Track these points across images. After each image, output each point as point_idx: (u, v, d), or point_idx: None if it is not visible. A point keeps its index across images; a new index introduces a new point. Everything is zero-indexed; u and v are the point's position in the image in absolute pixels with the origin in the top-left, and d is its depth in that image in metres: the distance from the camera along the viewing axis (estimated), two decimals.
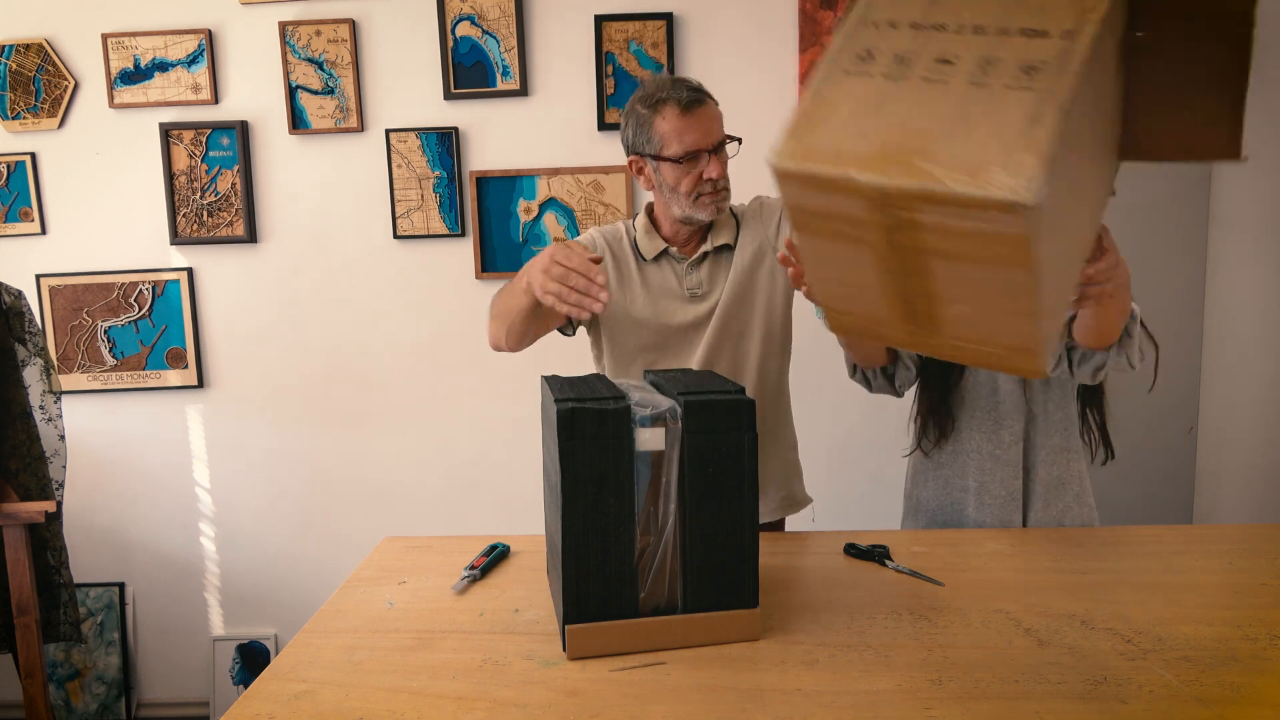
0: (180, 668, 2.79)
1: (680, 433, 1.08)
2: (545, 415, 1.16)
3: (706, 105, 1.50)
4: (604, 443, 1.05)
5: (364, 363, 2.65)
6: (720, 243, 1.61)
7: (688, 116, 1.47)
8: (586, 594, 1.07)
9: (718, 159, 1.51)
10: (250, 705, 1.01)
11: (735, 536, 1.11)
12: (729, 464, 1.10)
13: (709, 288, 1.61)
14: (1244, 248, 2.38)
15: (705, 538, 1.10)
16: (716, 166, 1.51)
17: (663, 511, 1.09)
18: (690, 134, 1.48)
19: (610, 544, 1.07)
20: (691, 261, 1.60)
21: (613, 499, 1.07)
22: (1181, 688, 0.99)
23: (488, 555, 1.43)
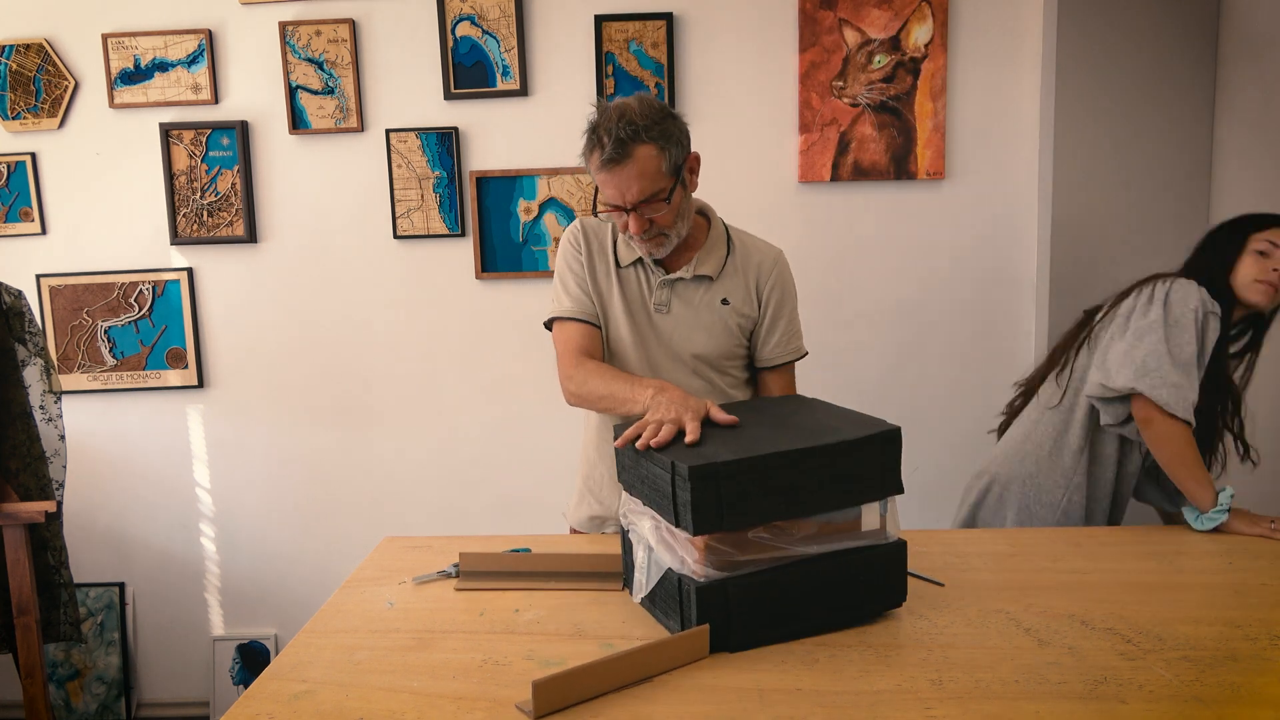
0: (180, 668, 2.79)
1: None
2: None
3: (625, 164, 1.42)
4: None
5: (364, 363, 2.65)
6: (701, 272, 1.57)
7: (604, 173, 1.44)
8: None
9: (636, 217, 1.46)
10: (250, 705, 1.01)
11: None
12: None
13: (676, 309, 1.58)
14: None
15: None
16: (634, 224, 1.46)
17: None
18: (607, 188, 1.46)
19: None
20: (664, 280, 1.57)
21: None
22: (1181, 688, 0.99)
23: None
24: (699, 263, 1.57)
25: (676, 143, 1.46)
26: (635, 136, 1.41)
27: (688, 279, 1.57)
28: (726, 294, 1.58)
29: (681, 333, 1.57)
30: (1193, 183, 2.48)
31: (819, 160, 2.48)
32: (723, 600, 1.09)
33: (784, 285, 1.63)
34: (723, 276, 1.59)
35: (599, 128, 1.44)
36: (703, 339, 1.57)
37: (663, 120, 1.44)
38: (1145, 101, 2.45)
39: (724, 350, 1.59)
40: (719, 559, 1.08)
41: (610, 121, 1.42)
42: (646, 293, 1.58)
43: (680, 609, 1.12)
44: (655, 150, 1.43)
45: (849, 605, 1.16)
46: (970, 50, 2.45)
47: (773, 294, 1.61)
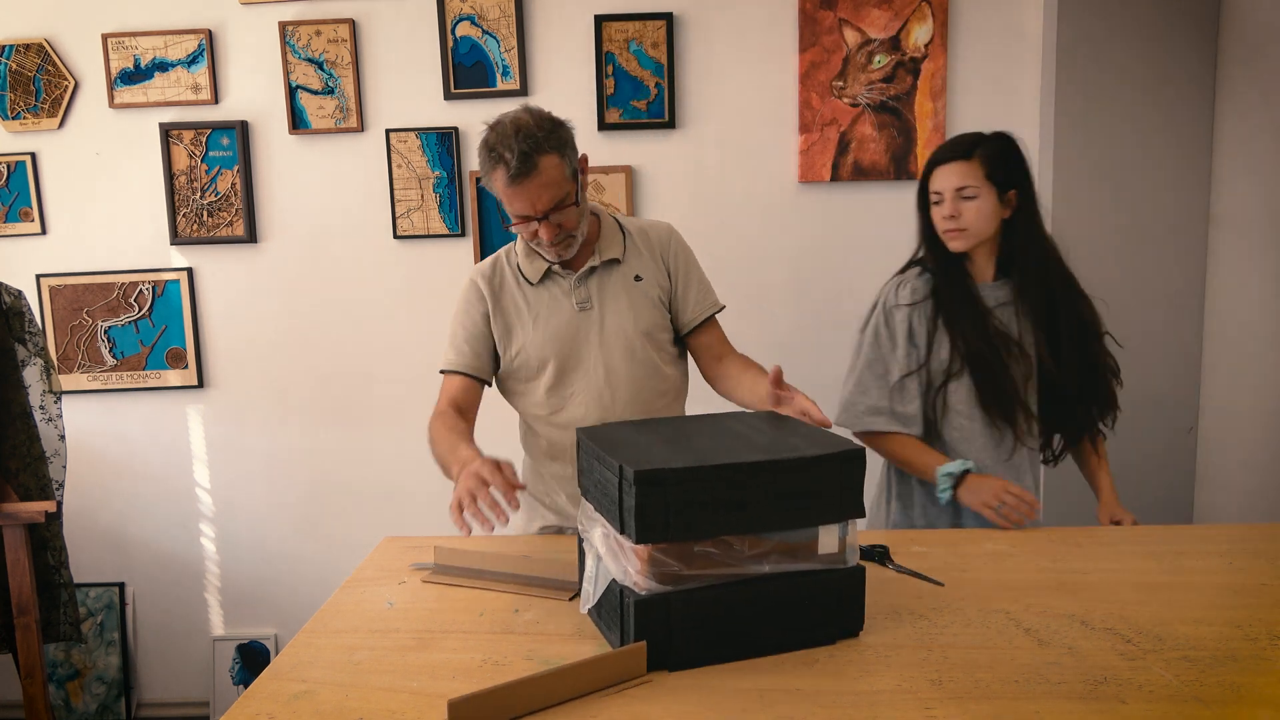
0: (180, 668, 2.79)
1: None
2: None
3: (533, 176, 1.45)
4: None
5: (364, 363, 2.65)
6: (608, 257, 1.64)
7: (513, 187, 1.46)
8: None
9: (547, 225, 1.50)
10: (250, 705, 1.01)
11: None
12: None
13: (599, 300, 1.63)
14: (1244, 248, 2.38)
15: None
16: (546, 232, 1.51)
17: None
18: (516, 202, 1.49)
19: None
20: (579, 276, 1.63)
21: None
22: (1181, 688, 0.99)
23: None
24: (601, 251, 1.64)
25: (572, 148, 1.53)
26: (538, 148, 1.45)
27: (598, 266, 1.63)
28: (637, 271, 1.65)
29: (611, 321, 1.62)
30: (1193, 183, 2.48)
31: (819, 160, 2.48)
32: (664, 615, 1.05)
33: (684, 250, 1.71)
34: (627, 256, 1.66)
35: (497, 146, 1.46)
36: (631, 318, 1.63)
37: (556, 129, 1.50)
38: (1145, 101, 2.45)
39: (652, 322, 1.65)
40: (662, 571, 1.05)
41: (509, 138, 1.45)
42: (564, 297, 1.63)
43: (620, 622, 1.08)
44: (557, 159, 1.48)
45: (800, 629, 1.11)
46: (970, 50, 2.45)
47: (676, 260, 1.69)
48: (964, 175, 1.61)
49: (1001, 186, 1.62)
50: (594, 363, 1.62)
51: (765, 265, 2.56)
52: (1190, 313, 2.53)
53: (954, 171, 1.62)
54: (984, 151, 1.61)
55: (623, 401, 1.62)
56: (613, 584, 1.10)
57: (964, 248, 1.65)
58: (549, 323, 1.63)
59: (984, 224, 1.63)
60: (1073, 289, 1.69)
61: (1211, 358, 2.52)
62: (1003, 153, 1.63)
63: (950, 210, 1.62)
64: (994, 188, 1.61)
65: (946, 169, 1.63)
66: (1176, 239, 2.51)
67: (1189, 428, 2.57)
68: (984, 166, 1.61)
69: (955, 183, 1.61)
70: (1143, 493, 2.56)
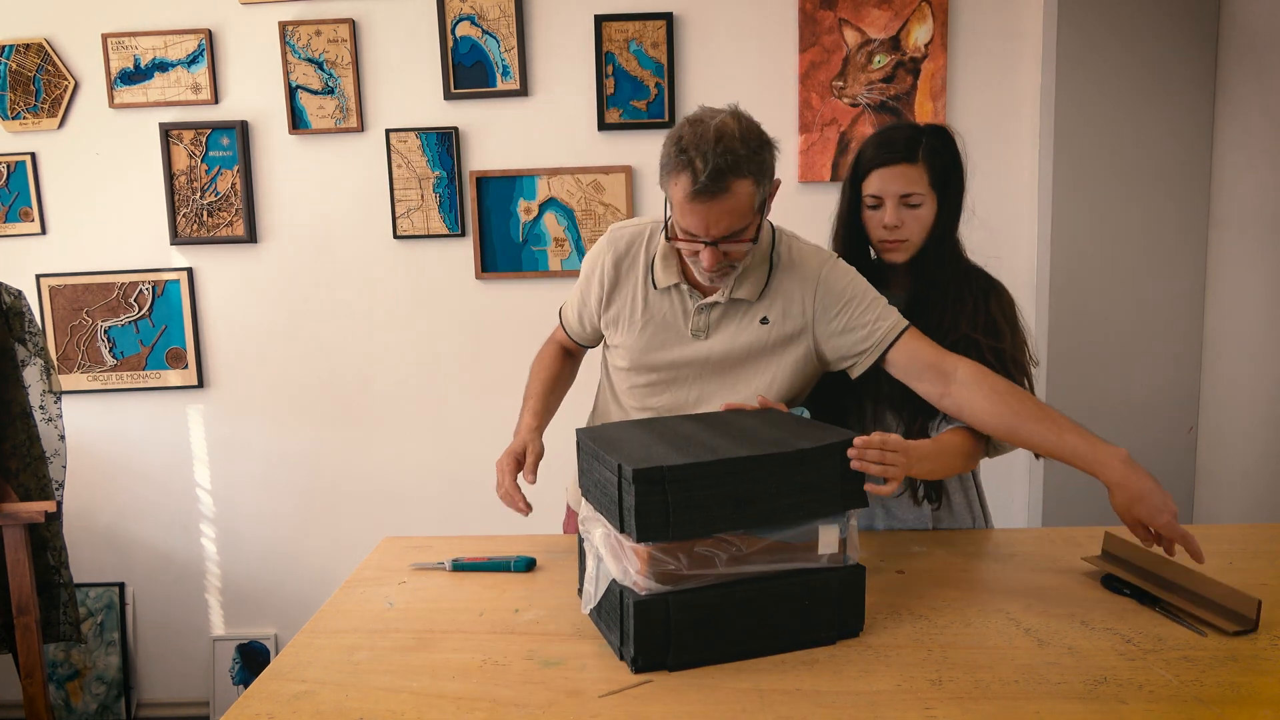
0: (180, 668, 2.79)
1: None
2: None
3: (720, 198, 1.27)
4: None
5: (364, 363, 2.65)
6: (738, 296, 1.43)
7: (694, 203, 1.28)
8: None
9: (713, 251, 1.32)
10: (250, 705, 1.01)
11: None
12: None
13: (715, 332, 1.46)
14: (1244, 248, 2.38)
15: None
16: (709, 258, 1.32)
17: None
18: (691, 218, 1.30)
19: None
20: (702, 305, 1.45)
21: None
22: (1181, 688, 0.99)
23: (494, 560, 1.40)
24: (736, 284, 1.43)
25: (770, 174, 1.33)
26: (735, 169, 1.25)
27: (723, 303, 1.45)
28: (765, 313, 1.44)
29: (719, 349, 1.46)
30: (1193, 183, 2.48)
31: (819, 160, 2.48)
32: (664, 615, 1.04)
33: (836, 286, 1.43)
34: (763, 298, 1.44)
35: (690, 148, 1.26)
36: (740, 350, 1.45)
37: (761, 150, 1.29)
38: (1145, 101, 2.45)
39: (761, 369, 1.46)
40: (662, 571, 1.04)
41: (707, 145, 1.25)
42: (682, 318, 1.47)
43: (620, 622, 1.08)
44: (751, 185, 1.28)
45: (800, 629, 1.10)
46: (970, 50, 2.45)
47: (825, 303, 1.43)
48: (911, 181, 1.41)
49: (942, 191, 1.44)
50: (689, 387, 1.49)
51: None
52: (1190, 313, 2.53)
53: (900, 176, 1.42)
54: (930, 154, 1.42)
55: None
56: (613, 584, 1.10)
57: (903, 260, 1.47)
58: (657, 336, 1.48)
59: (924, 234, 1.46)
60: (965, 293, 1.48)
61: (1211, 358, 2.52)
62: (948, 154, 1.45)
63: (893, 219, 1.43)
64: (936, 194, 1.44)
65: (889, 173, 1.42)
66: (1176, 239, 2.51)
67: (1189, 428, 2.57)
68: (930, 172, 1.42)
69: (900, 188, 1.42)
70: None
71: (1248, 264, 2.37)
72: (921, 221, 1.44)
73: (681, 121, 1.32)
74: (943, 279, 1.48)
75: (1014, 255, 2.52)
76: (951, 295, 1.47)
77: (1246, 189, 2.36)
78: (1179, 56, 2.44)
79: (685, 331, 1.47)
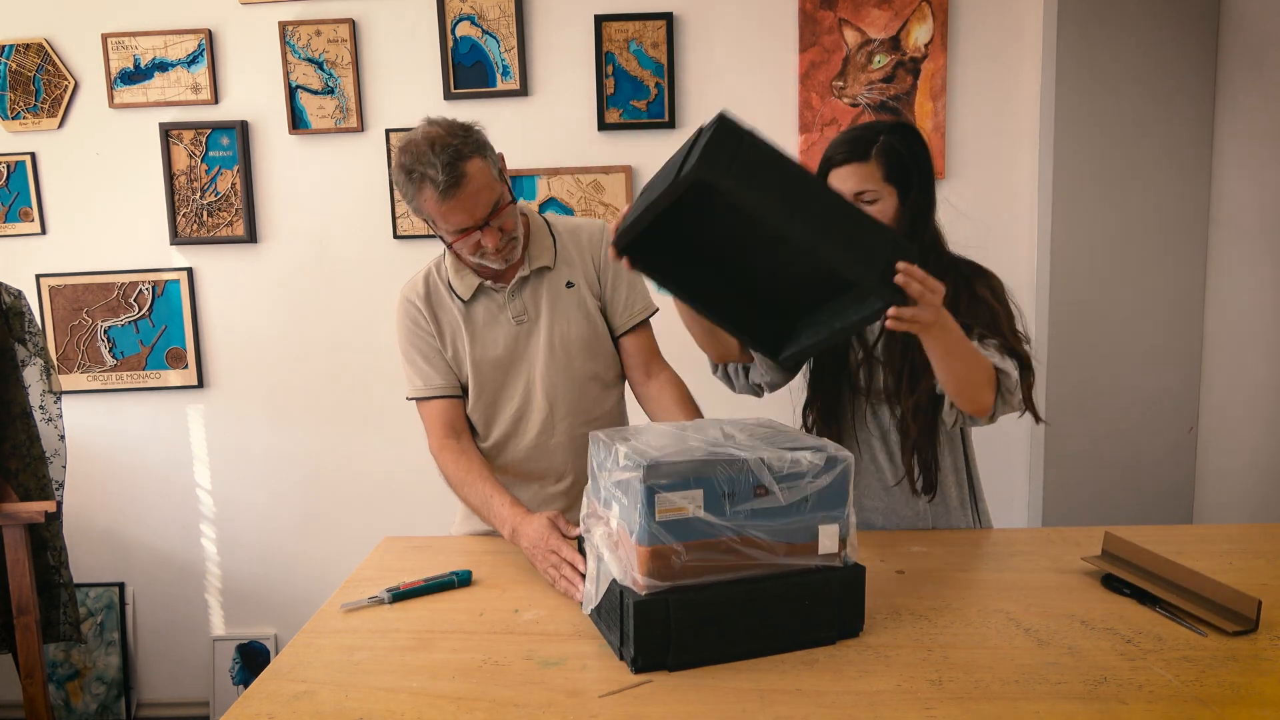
0: (180, 668, 2.79)
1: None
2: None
3: (464, 185, 1.39)
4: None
5: (364, 362, 2.65)
6: (538, 265, 1.57)
7: (448, 202, 1.40)
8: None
9: (490, 231, 1.44)
10: (250, 705, 1.01)
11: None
12: None
13: (534, 312, 1.58)
14: (1244, 248, 2.38)
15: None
16: (491, 238, 1.44)
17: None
18: (455, 216, 1.42)
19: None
20: (511, 288, 1.57)
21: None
22: (1181, 688, 0.99)
23: (431, 581, 1.34)
24: (532, 258, 1.57)
25: (490, 148, 1.46)
26: (459, 156, 1.39)
27: (529, 276, 1.57)
28: (568, 278, 1.59)
29: (546, 332, 1.57)
30: (1193, 183, 2.48)
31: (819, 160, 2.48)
32: (664, 615, 1.05)
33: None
34: (558, 263, 1.59)
35: (416, 166, 1.39)
36: (565, 327, 1.58)
37: (469, 133, 1.43)
38: (1145, 101, 2.45)
39: (588, 331, 1.60)
40: (663, 570, 1.04)
41: (426, 154, 1.39)
42: (499, 312, 1.58)
43: (620, 622, 1.08)
44: (480, 161, 1.42)
45: (800, 629, 1.11)
46: (970, 50, 2.46)
47: (606, 263, 1.61)
48: (862, 179, 1.45)
49: (903, 186, 1.46)
50: (533, 376, 1.58)
51: None
52: (1190, 313, 2.53)
53: (851, 174, 1.46)
54: (883, 151, 1.45)
55: (561, 414, 1.59)
56: (613, 584, 1.10)
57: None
58: (487, 339, 1.57)
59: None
60: (949, 287, 1.43)
61: (1211, 358, 2.52)
62: (904, 150, 1.46)
63: None
64: (895, 189, 1.46)
65: (843, 172, 1.46)
66: (1176, 239, 2.51)
67: (1189, 428, 2.57)
68: (883, 168, 1.45)
69: (853, 187, 1.45)
70: (1143, 493, 2.56)
71: (1248, 264, 2.36)
72: (881, 215, 1.46)
73: (395, 154, 1.45)
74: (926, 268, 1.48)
75: (1014, 255, 2.52)
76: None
77: (1246, 189, 2.36)
78: (1179, 56, 2.44)
79: (508, 323, 1.58)
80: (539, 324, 1.58)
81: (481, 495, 1.47)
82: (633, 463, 1.05)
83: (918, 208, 1.48)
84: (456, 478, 1.53)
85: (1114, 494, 2.55)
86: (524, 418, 1.61)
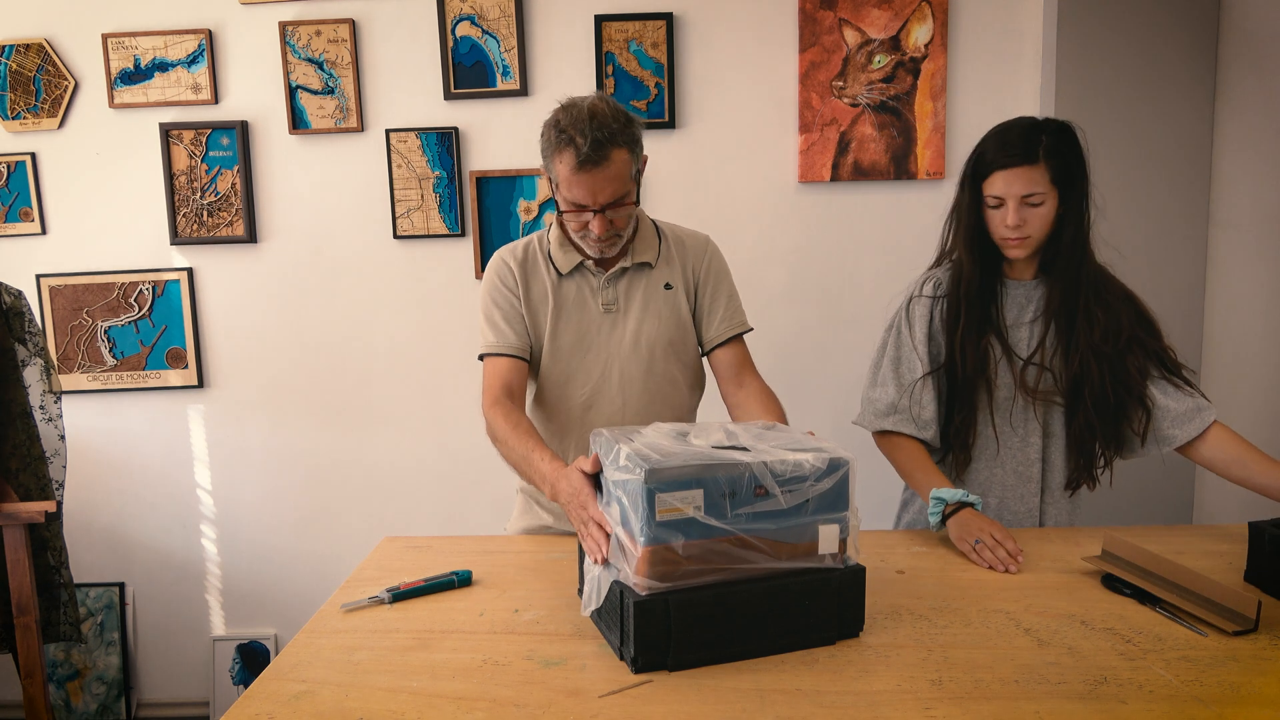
0: (180, 668, 2.79)
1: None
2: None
3: (602, 166, 1.41)
4: None
5: (364, 363, 2.65)
6: (641, 260, 1.59)
7: (580, 174, 1.42)
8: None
9: (601, 218, 1.46)
10: (250, 705, 1.01)
11: None
12: None
13: (625, 304, 1.59)
14: (1244, 248, 2.38)
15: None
16: (599, 225, 1.46)
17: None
18: (577, 189, 1.44)
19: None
20: (609, 276, 1.59)
21: None
22: (1181, 688, 0.99)
23: (431, 581, 1.34)
24: (636, 252, 1.59)
25: (640, 145, 1.49)
26: (612, 139, 1.41)
27: (630, 269, 1.59)
28: (668, 279, 1.62)
29: (635, 326, 1.59)
30: (1193, 183, 2.48)
31: (819, 160, 2.48)
32: (664, 616, 1.04)
33: (717, 264, 1.66)
34: (660, 263, 1.62)
35: (569, 128, 1.41)
36: (654, 325, 1.59)
37: (629, 124, 1.45)
38: (1145, 101, 2.45)
39: (676, 334, 1.61)
40: (662, 570, 1.04)
41: (583, 122, 1.40)
42: (590, 295, 1.59)
43: (620, 622, 1.08)
44: (627, 154, 1.44)
45: (801, 629, 1.11)
46: (970, 50, 2.46)
47: (708, 274, 1.64)
48: (1031, 181, 1.46)
49: (1065, 188, 1.48)
50: (611, 367, 1.59)
51: (765, 265, 2.56)
52: (1190, 313, 2.53)
53: (1020, 178, 1.46)
54: (1050, 153, 1.46)
55: (633, 409, 1.59)
56: (613, 584, 1.10)
57: (1025, 255, 1.53)
58: (572, 319, 1.59)
59: (1047, 229, 1.51)
60: (1106, 292, 1.56)
61: (1211, 358, 2.52)
62: (1069, 151, 1.48)
63: (1015, 219, 1.47)
64: (1058, 190, 1.48)
65: (1011, 175, 1.46)
66: (1176, 239, 2.51)
67: None
68: (1051, 170, 1.46)
69: (1021, 189, 1.46)
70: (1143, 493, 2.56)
71: (1248, 264, 2.36)
72: (1043, 218, 1.49)
73: (555, 110, 1.47)
74: (1081, 278, 1.54)
75: None
76: (1091, 295, 1.54)
77: (1246, 189, 2.36)
78: (1179, 56, 2.44)
79: (598, 307, 1.59)
80: (627, 317, 1.59)
81: (524, 450, 1.42)
82: (633, 464, 1.05)
83: (1075, 210, 1.50)
84: (503, 432, 1.48)
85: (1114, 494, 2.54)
86: (593, 406, 1.60)
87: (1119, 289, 1.59)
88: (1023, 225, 1.48)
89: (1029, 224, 1.49)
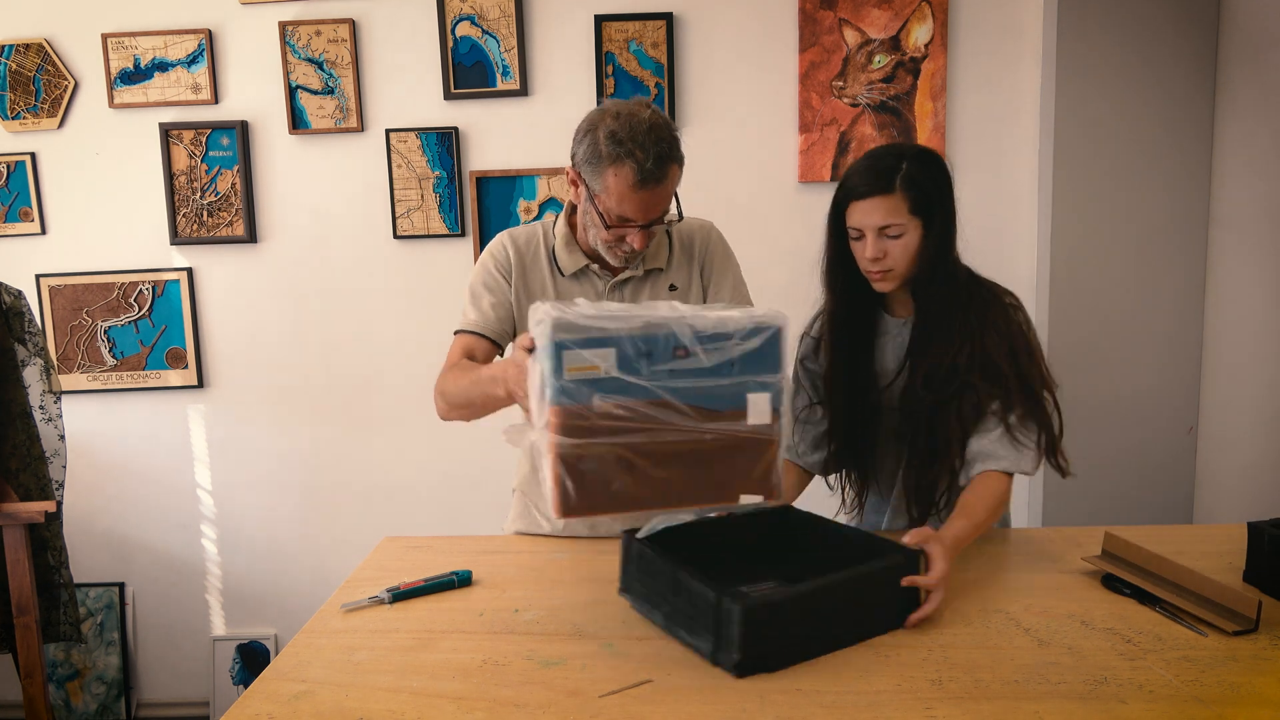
0: (180, 668, 2.79)
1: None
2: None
3: (663, 184, 1.36)
4: None
5: (364, 363, 2.65)
6: (652, 266, 1.53)
7: (640, 191, 1.34)
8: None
9: (644, 234, 1.40)
10: (250, 705, 1.01)
11: None
12: None
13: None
14: (1244, 248, 2.38)
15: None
16: (640, 240, 1.40)
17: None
18: (630, 205, 1.36)
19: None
20: (616, 282, 1.53)
21: None
22: (1181, 688, 0.99)
23: (431, 581, 1.34)
24: (648, 259, 1.53)
25: (683, 162, 1.44)
26: (671, 155, 1.36)
27: (640, 276, 1.53)
28: (673, 281, 1.56)
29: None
30: (1193, 183, 2.48)
31: (819, 160, 2.48)
32: (767, 619, 1.04)
33: (719, 252, 1.59)
34: (670, 269, 1.56)
35: (628, 141, 1.32)
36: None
37: (678, 137, 1.41)
38: (1145, 101, 2.45)
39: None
40: (574, 428, 0.99)
41: (643, 135, 1.32)
42: (595, 300, 1.52)
43: (716, 628, 1.05)
44: (679, 170, 1.40)
45: (875, 619, 1.15)
46: (970, 50, 2.45)
47: (710, 264, 1.57)
48: (888, 213, 1.37)
49: (927, 217, 1.39)
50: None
51: (765, 265, 2.54)
52: (1190, 313, 2.53)
53: (878, 208, 1.37)
54: (907, 183, 1.37)
55: None
56: (701, 591, 1.07)
57: (892, 288, 1.45)
58: None
59: (911, 260, 1.41)
60: (977, 326, 1.43)
61: (1211, 358, 2.52)
62: (929, 180, 1.39)
63: (874, 251, 1.39)
64: (920, 220, 1.39)
65: (868, 205, 1.38)
66: (1176, 239, 2.51)
67: (1189, 428, 2.57)
68: (909, 200, 1.37)
69: (878, 221, 1.37)
70: (1143, 493, 2.56)
71: (1247, 263, 2.36)
72: (906, 249, 1.40)
73: (599, 114, 1.37)
74: (946, 304, 1.44)
75: (1014, 255, 2.52)
76: (959, 320, 1.43)
77: (1246, 189, 2.36)
78: (1179, 56, 2.44)
79: None
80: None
81: (469, 375, 1.35)
82: (545, 319, 0.99)
83: (941, 240, 1.41)
84: (448, 379, 1.41)
85: (1114, 494, 2.55)
86: None
87: (999, 318, 1.45)
88: (883, 258, 1.40)
89: (890, 256, 1.39)
